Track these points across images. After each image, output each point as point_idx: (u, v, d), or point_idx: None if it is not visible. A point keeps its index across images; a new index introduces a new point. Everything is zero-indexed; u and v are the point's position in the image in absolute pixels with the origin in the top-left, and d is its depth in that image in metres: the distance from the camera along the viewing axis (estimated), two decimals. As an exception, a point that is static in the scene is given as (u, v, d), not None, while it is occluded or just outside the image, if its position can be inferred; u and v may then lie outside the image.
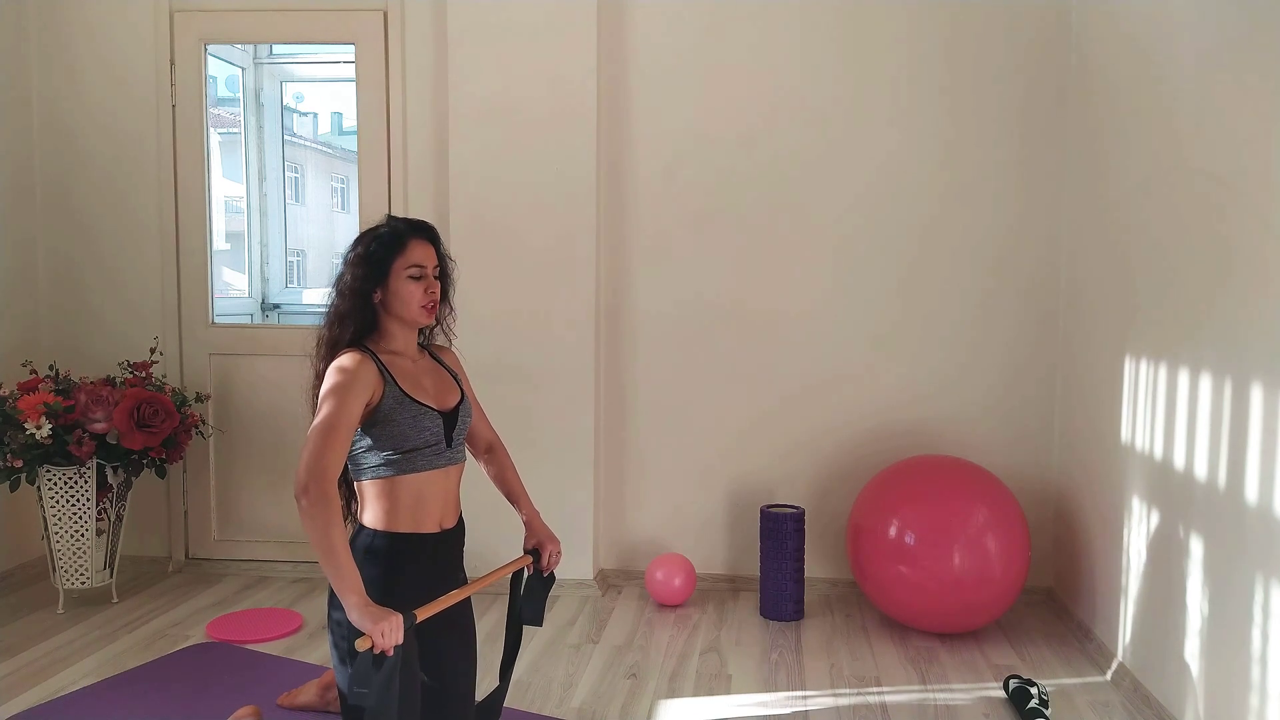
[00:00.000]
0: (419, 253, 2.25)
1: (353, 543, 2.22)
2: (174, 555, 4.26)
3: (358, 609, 1.94)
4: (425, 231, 2.31)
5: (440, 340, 2.47)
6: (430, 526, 2.24)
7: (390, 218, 2.32)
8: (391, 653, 1.94)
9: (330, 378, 2.15)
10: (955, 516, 3.38)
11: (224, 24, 4.16)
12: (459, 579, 2.40)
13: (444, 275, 2.34)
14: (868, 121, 3.92)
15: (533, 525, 2.42)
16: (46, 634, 3.51)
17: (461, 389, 2.39)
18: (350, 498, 2.33)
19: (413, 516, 2.22)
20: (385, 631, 1.91)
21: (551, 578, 2.40)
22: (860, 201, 3.94)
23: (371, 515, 2.21)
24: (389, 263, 2.22)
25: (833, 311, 3.98)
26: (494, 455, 2.53)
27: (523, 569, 2.38)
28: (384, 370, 2.20)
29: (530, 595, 2.37)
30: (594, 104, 3.88)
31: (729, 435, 4.05)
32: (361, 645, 1.91)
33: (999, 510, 3.41)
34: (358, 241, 2.28)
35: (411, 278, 2.23)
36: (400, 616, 1.96)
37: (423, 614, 2.06)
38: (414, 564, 2.18)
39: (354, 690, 1.95)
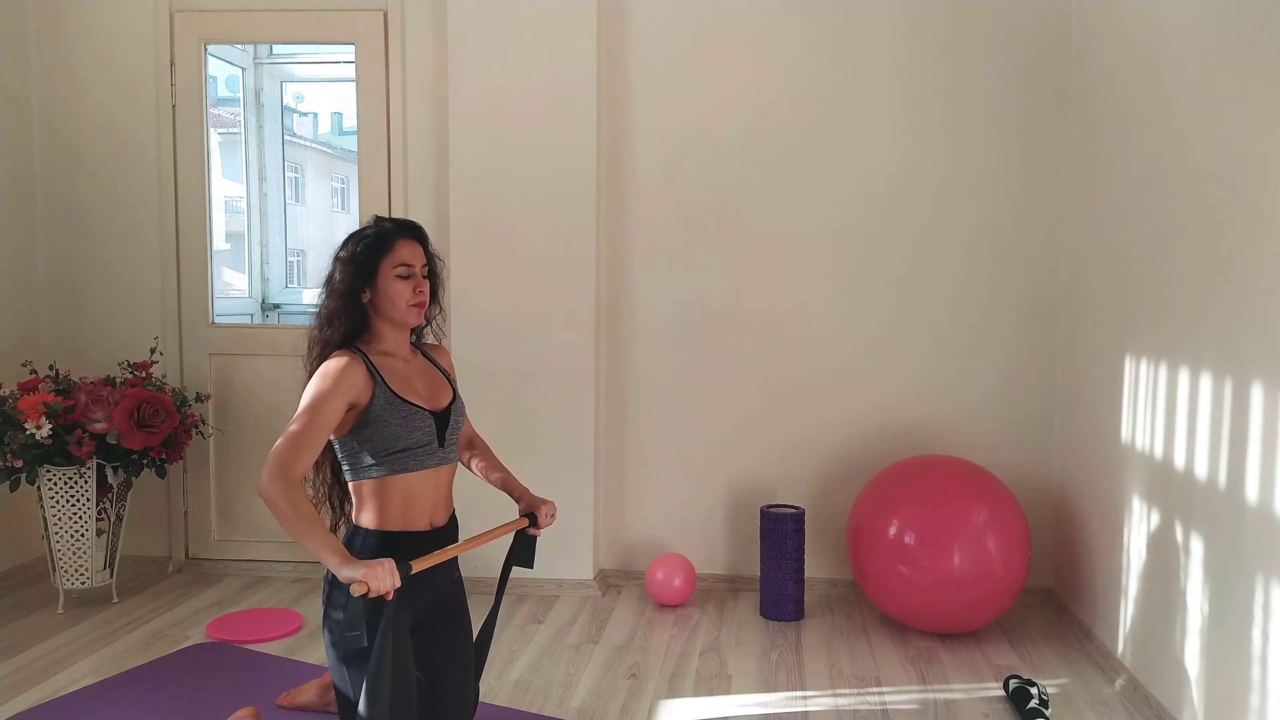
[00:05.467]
0: (406, 252, 2.26)
1: (347, 543, 2.23)
2: (174, 555, 4.26)
3: (343, 564, 1.95)
4: (412, 231, 2.32)
5: (430, 339, 2.48)
6: (421, 525, 2.25)
7: (377, 218, 2.33)
8: (390, 596, 1.95)
9: (314, 382, 2.15)
10: (955, 516, 3.38)
11: (224, 24, 4.16)
12: (453, 577, 2.41)
13: (432, 275, 2.35)
14: (867, 119, 3.92)
15: (526, 496, 2.50)
16: (46, 634, 3.51)
17: (454, 389, 2.39)
18: (344, 499, 2.34)
19: (404, 515, 2.23)
20: (378, 574, 1.93)
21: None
22: (860, 199, 3.94)
23: (364, 515, 2.22)
24: (377, 263, 2.24)
25: (832, 310, 3.98)
26: (477, 449, 2.58)
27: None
28: (374, 371, 2.20)
29: (523, 547, 2.51)
30: (594, 103, 3.88)
31: (729, 435, 4.05)
32: (357, 591, 1.92)
33: (999, 510, 3.40)
34: (346, 242, 2.29)
35: (399, 277, 2.24)
36: (391, 561, 1.97)
37: (418, 565, 2.08)
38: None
39: (346, 635, 1.98)
